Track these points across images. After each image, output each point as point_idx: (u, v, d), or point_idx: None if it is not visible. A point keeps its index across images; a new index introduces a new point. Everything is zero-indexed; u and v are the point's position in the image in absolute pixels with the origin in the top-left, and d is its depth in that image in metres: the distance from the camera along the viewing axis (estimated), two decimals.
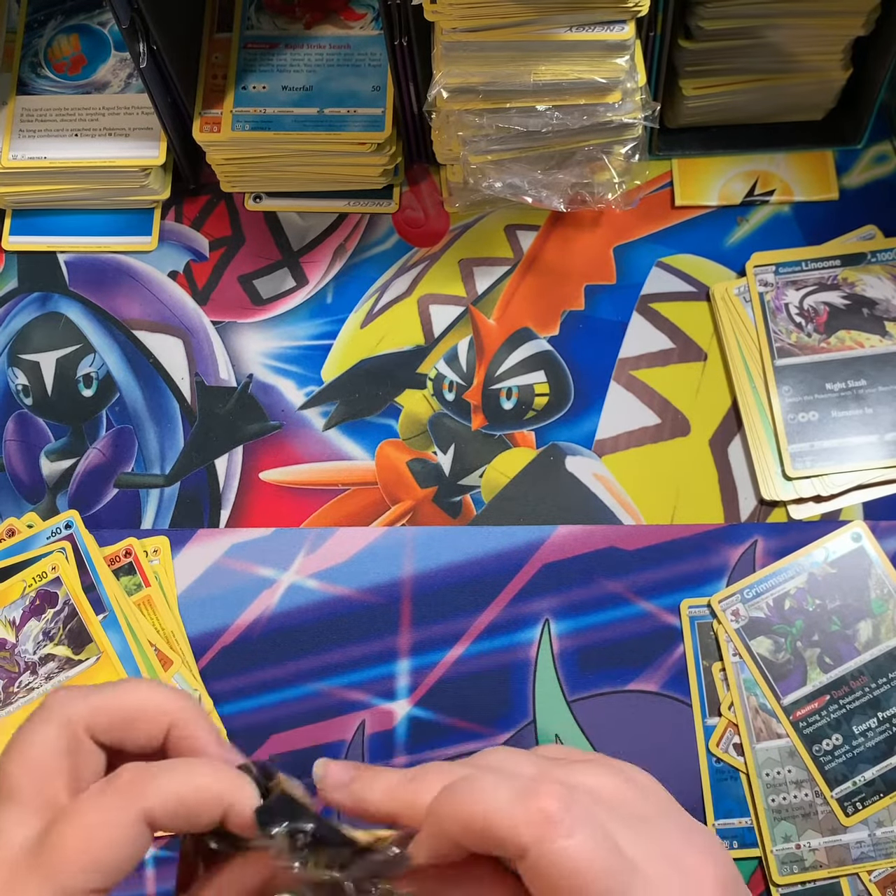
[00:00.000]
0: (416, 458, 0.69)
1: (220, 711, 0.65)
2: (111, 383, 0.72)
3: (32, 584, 0.65)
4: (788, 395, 0.67)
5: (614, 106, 0.62)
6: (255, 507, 0.69)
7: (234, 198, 0.75)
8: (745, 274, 0.70)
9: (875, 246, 0.70)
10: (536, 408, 0.70)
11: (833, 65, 0.68)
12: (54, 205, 0.75)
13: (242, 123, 0.70)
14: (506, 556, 0.66)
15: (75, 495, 0.70)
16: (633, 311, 0.71)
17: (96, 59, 0.73)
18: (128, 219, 0.75)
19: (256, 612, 0.66)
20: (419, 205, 0.74)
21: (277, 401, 0.71)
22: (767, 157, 0.73)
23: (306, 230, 0.75)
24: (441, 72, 0.61)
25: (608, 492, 0.68)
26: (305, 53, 0.71)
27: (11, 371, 0.73)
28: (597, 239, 0.73)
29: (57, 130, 0.72)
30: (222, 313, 0.73)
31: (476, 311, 0.72)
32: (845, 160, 0.73)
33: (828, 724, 0.62)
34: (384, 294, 0.73)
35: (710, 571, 0.65)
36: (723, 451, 0.68)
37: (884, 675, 0.62)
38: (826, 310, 0.69)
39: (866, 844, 0.60)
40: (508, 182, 0.67)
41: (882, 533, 0.65)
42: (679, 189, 0.73)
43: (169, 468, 0.70)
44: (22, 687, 0.64)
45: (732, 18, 0.64)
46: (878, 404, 0.67)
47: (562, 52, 0.60)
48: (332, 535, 0.67)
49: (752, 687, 0.62)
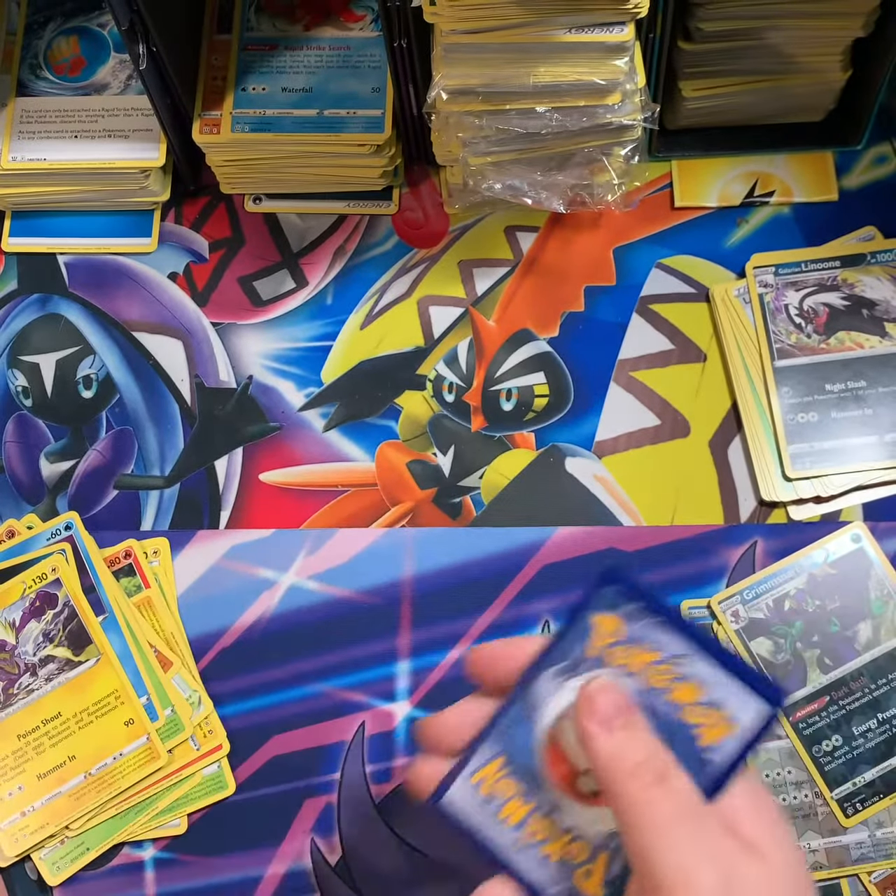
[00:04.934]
0: (416, 459, 0.69)
1: (220, 713, 0.65)
2: (111, 385, 0.72)
3: (32, 586, 0.65)
4: (788, 396, 0.67)
5: (614, 107, 0.62)
6: (255, 508, 0.69)
7: (234, 199, 0.75)
8: (745, 275, 0.70)
9: (875, 247, 0.70)
10: (536, 409, 0.70)
11: (833, 66, 0.68)
12: (54, 206, 0.75)
13: (242, 125, 0.70)
14: (506, 557, 0.66)
15: (75, 497, 0.70)
16: (633, 313, 0.71)
17: (96, 60, 0.73)
18: (127, 220, 0.75)
19: (256, 614, 0.66)
20: (419, 206, 0.74)
21: (277, 402, 0.71)
22: (767, 158, 0.73)
23: (306, 231, 0.75)
24: (440, 73, 0.61)
25: (608, 493, 0.68)
26: (305, 55, 0.71)
27: (11, 372, 0.73)
28: (596, 240, 0.73)
29: (56, 132, 0.72)
30: (222, 315, 0.73)
31: (476, 312, 0.72)
32: (845, 161, 0.73)
33: (827, 725, 0.62)
34: (384, 295, 0.73)
35: (709, 572, 0.65)
36: (722, 453, 0.68)
37: (883, 676, 0.62)
38: (826, 311, 0.69)
39: (866, 845, 0.60)
40: (508, 183, 0.67)
41: (882, 534, 0.65)
42: (678, 190, 0.73)
43: (169, 469, 0.70)
44: (22, 688, 0.64)
45: (732, 20, 0.64)
46: (878, 405, 0.67)
47: (561, 54, 0.60)
48: (332, 537, 0.67)
49: None
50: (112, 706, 0.64)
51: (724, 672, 0.37)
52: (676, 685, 0.38)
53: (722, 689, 0.37)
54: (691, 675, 0.38)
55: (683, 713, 0.38)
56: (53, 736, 0.63)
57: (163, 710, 0.64)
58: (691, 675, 0.38)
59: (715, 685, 0.37)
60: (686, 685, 0.38)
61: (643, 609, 0.38)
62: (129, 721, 0.63)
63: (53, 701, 0.64)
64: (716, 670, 0.37)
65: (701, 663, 0.37)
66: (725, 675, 0.37)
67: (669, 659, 0.38)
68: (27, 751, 0.63)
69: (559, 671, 0.39)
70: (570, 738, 0.38)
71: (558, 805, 0.38)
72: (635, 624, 0.38)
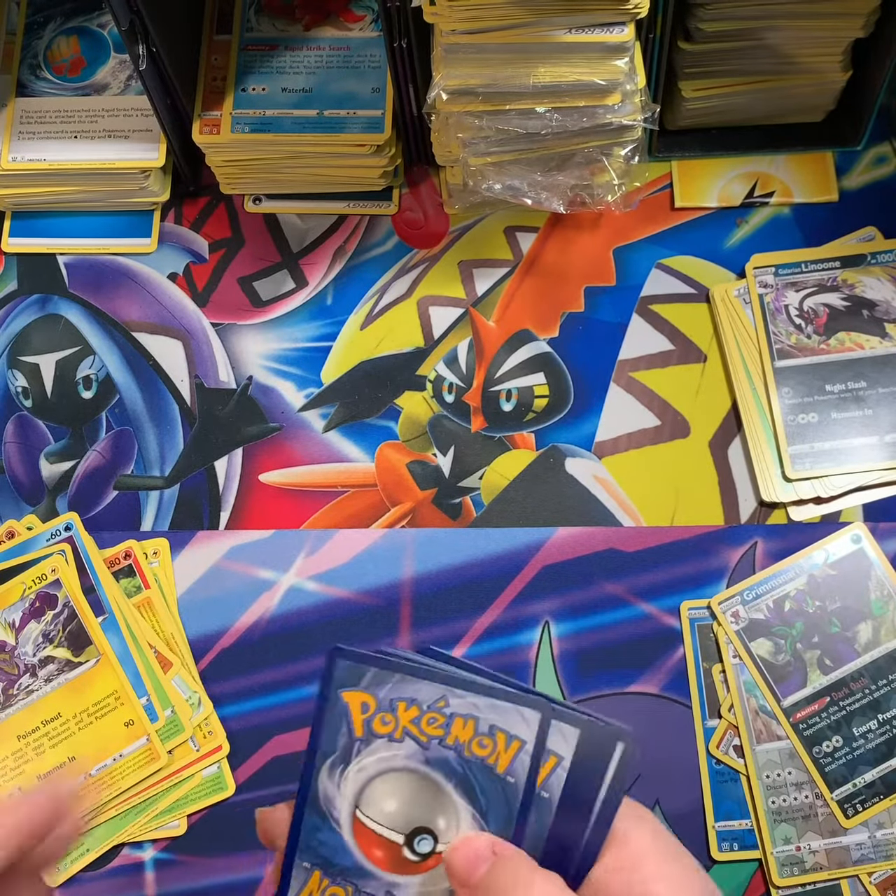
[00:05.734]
0: (416, 459, 0.69)
1: (220, 713, 0.65)
2: (111, 385, 0.72)
3: (32, 587, 0.65)
4: (788, 396, 0.67)
5: (614, 108, 0.62)
6: (255, 508, 0.69)
7: (234, 200, 0.75)
8: (745, 275, 0.70)
9: (875, 247, 0.70)
10: (536, 409, 0.70)
11: (833, 66, 0.68)
12: (54, 207, 0.75)
13: (242, 125, 0.70)
14: (506, 557, 0.66)
15: (75, 497, 0.70)
16: (633, 313, 0.71)
17: (96, 61, 0.73)
18: (127, 221, 0.75)
19: (256, 614, 0.66)
20: (419, 206, 0.74)
21: (277, 403, 0.71)
22: (767, 158, 0.73)
23: (306, 232, 0.75)
24: (440, 74, 0.61)
25: (608, 493, 0.68)
26: (305, 55, 0.71)
27: (11, 373, 0.73)
28: (596, 240, 0.73)
29: (56, 132, 0.72)
30: (222, 315, 0.73)
31: (476, 312, 0.72)
32: (845, 162, 0.73)
33: (828, 725, 0.62)
34: (384, 296, 0.73)
35: (709, 573, 0.65)
36: (723, 453, 0.68)
37: (884, 676, 0.62)
38: (826, 311, 0.69)
39: (866, 846, 0.60)
40: (508, 184, 0.67)
41: (882, 534, 0.65)
42: (678, 191, 0.73)
43: (168, 470, 0.70)
44: (22, 689, 0.64)
45: (732, 20, 0.64)
46: (878, 406, 0.67)
47: (561, 55, 0.60)
48: (332, 537, 0.67)
49: (752, 689, 0.62)
50: (112, 707, 0.63)
51: (484, 696, 0.37)
52: (451, 728, 0.38)
53: (491, 713, 0.37)
54: (457, 713, 0.38)
55: (470, 749, 0.37)
56: (53, 737, 0.63)
57: (163, 710, 0.64)
58: (457, 713, 0.38)
59: (483, 712, 0.37)
60: (458, 723, 0.38)
61: (379, 673, 0.38)
62: (129, 722, 0.63)
63: (53, 702, 0.64)
64: (477, 697, 0.37)
65: (458, 699, 0.38)
66: (486, 698, 0.37)
67: (431, 708, 0.38)
68: (27, 752, 0.63)
69: (333, 764, 0.38)
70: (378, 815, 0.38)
71: (394, 884, 0.38)
72: (381, 690, 0.38)
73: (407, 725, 0.38)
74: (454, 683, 0.37)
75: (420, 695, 0.38)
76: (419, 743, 0.38)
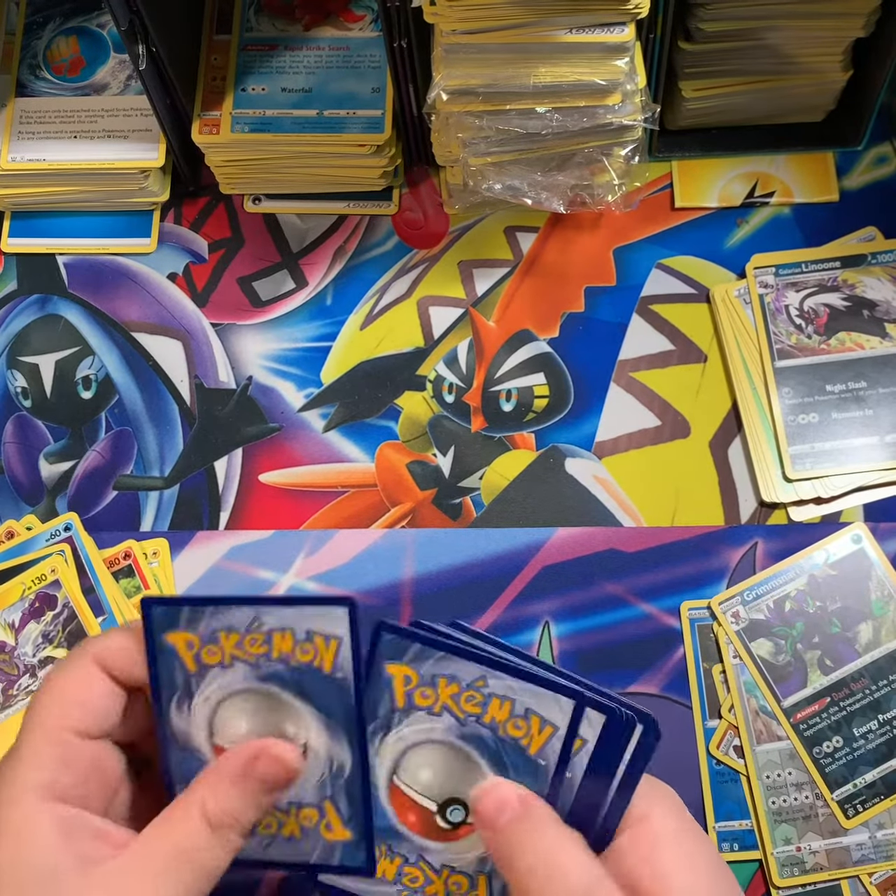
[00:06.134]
0: (416, 460, 0.69)
1: None
2: (110, 385, 0.72)
3: (32, 587, 0.65)
4: (788, 396, 0.67)
5: (614, 108, 0.62)
6: (255, 509, 0.69)
7: (234, 200, 0.75)
8: (745, 275, 0.70)
9: (875, 247, 0.70)
10: (536, 410, 0.70)
11: (833, 66, 0.68)
12: (53, 207, 0.75)
13: (242, 125, 0.70)
14: (506, 558, 0.66)
15: (74, 497, 0.70)
16: (633, 313, 0.71)
17: (95, 60, 0.73)
18: (127, 221, 0.75)
19: None
20: (419, 206, 0.74)
21: (277, 403, 0.71)
22: (767, 158, 0.73)
23: (306, 232, 0.74)
24: (441, 74, 0.61)
25: (608, 494, 0.68)
26: (305, 55, 0.71)
27: (10, 373, 0.73)
28: (596, 241, 0.73)
29: (56, 132, 0.72)
30: (222, 315, 0.73)
31: (476, 312, 0.72)
32: (845, 162, 0.73)
33: (828, 726, 0.62)
34: (384, 296, 0.73)
35: (710, 573, 0.65)
36: (723, 453, 0.68)
37: (884, 677, 0.62)
38: (826, 311, 0.69)
39: (867, 847, 0.60)
40: (508, 184, 0.67)
41: (882, 535, 0.65)
42: (679, 191, 0.73)
43: (168, 470, 0.70)
44: (21, 690, 0.64)
45: (732, 20, 0.64)
46: (879, 406, 0.67)
47: (561, 54, 0.60)
48: (332, 538, 0.67)
49: (752, 689, 0.62)
50: None
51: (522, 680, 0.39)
52: (488, 707, 0.39)
53: (527, 697, 0.39)
54: (495, 693, 0.39)
55: (505, 729, 0.39)
56: None
57: None
58: (495, 694, 0.39)
59: (520, 695, 0.39)
60: (495, 703, 0.39)
61: (423, 649, 0.39)
62: None
63: None
64: (514, 681, 0.39)
65: (497, 680, 0.39)
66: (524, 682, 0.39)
67: (470, 686, 0.39)
68: None
69: (373, 731, 0.40)
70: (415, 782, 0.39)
71: (425, 848, 0.40)
72: (423, 665, 0.39)
73: (446, 701, 0.39)
74: (495, 665, 0.39)
75: (461, 673, 0.39)
76: (456, 718, 0.39)
